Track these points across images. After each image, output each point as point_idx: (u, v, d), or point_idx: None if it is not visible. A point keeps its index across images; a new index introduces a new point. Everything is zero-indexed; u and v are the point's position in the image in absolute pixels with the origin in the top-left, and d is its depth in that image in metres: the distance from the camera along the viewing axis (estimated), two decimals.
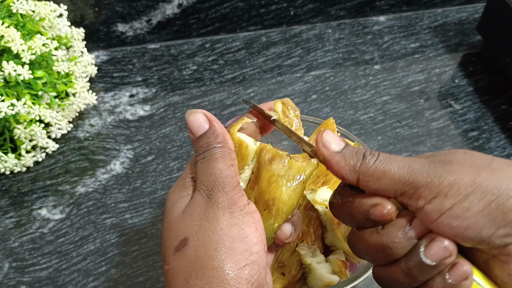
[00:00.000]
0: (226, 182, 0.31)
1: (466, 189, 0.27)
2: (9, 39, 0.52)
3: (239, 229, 0.29)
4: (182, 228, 0.30)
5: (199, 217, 0.30)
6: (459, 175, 0.27)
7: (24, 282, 0.49)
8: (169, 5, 0.70)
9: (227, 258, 0.28)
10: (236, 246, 0.28)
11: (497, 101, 0.68)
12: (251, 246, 0.29)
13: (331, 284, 0.41)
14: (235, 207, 0.30)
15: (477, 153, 0.29)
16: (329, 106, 0.66)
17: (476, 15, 0.80)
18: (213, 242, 0.28)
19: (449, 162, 0.28)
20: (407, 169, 0.29)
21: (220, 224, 0.29)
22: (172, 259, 0.29)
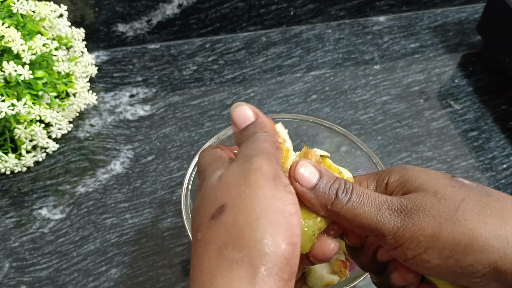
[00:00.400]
0: (271, 154, 0.29)
1: (426, 243, 0.28)
2: (9, 39, 0.52)
3: (283, 205, 0.26)
4: (218, 195, 0.27)
5: (238, 183, 0.27)
6: (421, 227, 0.28)
7: (24, 282, 0.49)
8: (169, 5, 0.70)
9: (270, 231, 0.25)
10: (281, 220, 0.26)
11: (497, 101, 0.68)
12: (293, 227, 0.26)
13: (331, 284, 0.41)
14: (279, 180, 0.27)
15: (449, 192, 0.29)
16: (329, 106, 0.66)
17: (476, 15, 0.80)
18: (256, 211, 0.25)
19: (416, 210, 0.28)
20: (376, 216, 0.29)
21: (264, 193, 0.26)
22: (206, 228, 0.26)
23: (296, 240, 0.26)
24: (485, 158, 0.61)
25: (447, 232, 0.27)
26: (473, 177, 0.59)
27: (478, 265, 0.27)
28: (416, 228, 0.28)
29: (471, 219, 0.27)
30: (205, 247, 0.26)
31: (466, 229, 0.27)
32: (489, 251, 0.26)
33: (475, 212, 0.28)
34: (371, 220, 0.29)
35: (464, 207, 0.28)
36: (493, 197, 0.28)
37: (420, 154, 0.61)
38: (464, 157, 0.61)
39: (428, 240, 0.28)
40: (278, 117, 0.50)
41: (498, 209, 0.28)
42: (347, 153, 0.49)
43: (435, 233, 0.27)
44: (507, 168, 0.60)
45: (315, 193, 0.30)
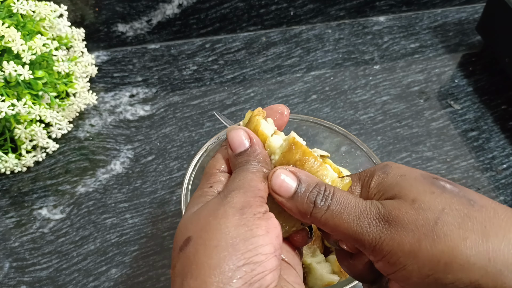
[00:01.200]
0: (251, 188, 0.29)
1: (405, 260, 0.27)
2: (9, 39, 0.52)
3: (247, 229, 0.27)
4: (188, 228, 0.28)
5: (207, 215, 0.28)
6: (400, 242, 0.27)
7: (24, 282, 0.49)
8: (169, 5, 0.70)
9: (226, 257, 0.26)
10: (239, 244, 0.26)
11: (497, 101, 0.68)
12: (256, 247, 0.26)
13: (331, 284, 0.41)
14: (249, 209, 0.28)
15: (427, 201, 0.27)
16: (329, 106, 0.66)
17: (476, 15, 0.80)
18: (215, 240, 0.26)
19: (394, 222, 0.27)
20: (355, 226, 0.28)
21: (227, 222, 0.27)
22: (176, 261, 0.28)
23: (261, 258, 0.26)
24: (485, 158, 0.61)
25: (426, 250, 0.26)
26: (473, 177, 0.59)
27: (459, 283, 0.26)
28: (394, 242, 0.27)
29: (451, 235, 0.26)
30: (174, 281, 0.27)
31: (445, 247, 0.26)
32: (470, 269, 0.25)
33: (455, 226, 0.26)
34: (350, 231, 0.28)
35: (444, 219, 0.26)
36: (475, 206, 0.27)
37: (420, 154, 0.61)
38: (464, 157, 0.61)
39: (407, 256, 0.27)
40: None
41: (480, 222, 0.26)
42: (347, 153, 0.49)
43: (414, 250, 0.26)
44: (507, 168, 0.60)
45: (294, 202, 0.29)
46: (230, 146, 0.32)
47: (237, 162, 0.31)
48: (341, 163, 0.50)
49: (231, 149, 0.31)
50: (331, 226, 0.29)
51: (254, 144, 0.31)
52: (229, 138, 0.32)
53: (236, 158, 0.31)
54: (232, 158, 0.31)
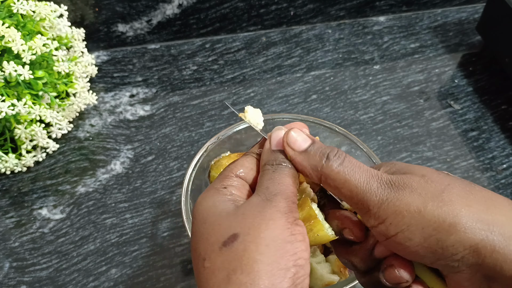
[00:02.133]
0: (290, 193, 0.30)
1: (410, 219, 0.28)
2: (9, 39, 0.52)
3: (291, 234, 0.28)
4: (232, 225, 0.29)
5: (253, 215, 0.29)
6: (406, 202, 0.28)
7: (24, 282, 0.49)
8: (169, 5, 0.70)
9: (279, 256, 0.27)
10: (287, 247, 0.28)
11: (497, 101, 0.68)
12: (300, 252, 0.28)
13: (331, 283, 0.41)
14: (290, 214, 0.29)
15: (435, 177, 0.29)
16: (329, 106, 0.66)
17: (476, 15, 0.80)
18: (266, 239, 0.27)
19: (403, 186, 0.29)
20: (364, 185, 0.30)
21: (275, 224, 0.28)
22: (216, 255, 0.28)
23: (303, 262, 0.28)
24: (485, 158, 0.61)
25: (432, 210, 0.28)
26: (473, 177, 0.59)
27: (459, 246, 0.27)
28: (401, 202, 0.28)
29: (456, 201, 0.28)
30: (214, 274, 0.27)
31: (451, 209, 0.27)
32: (472, 232, 0.27)
33: (460, 196, 0.28)
34: (359, 189, 0.29)
35: (450, 190, 0.28)
36: (477, 188, 0.29)
37: (420, 154, 0.61)
38: (464, 157, 0.61)
39: (412, 216, 0.28)
40: (278, 117, 0.50)
41: (482, 196, 0.28)
42: (347, 153, 0.49)
43: (420, 210, 0.28)
44: (507, 168, 0.60)
45: (307, 154, 0.31)
46: (271, 141, 0.33)
47: (273, 157, 0.32)
48: None
49: (270, 144, 0.33)
50: (340, 181, 0.30)
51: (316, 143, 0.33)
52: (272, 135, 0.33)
53: (273, 153, 0.33)
54: (268, 153, 0.33)
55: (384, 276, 0.31)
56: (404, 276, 0.31)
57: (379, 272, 0.32)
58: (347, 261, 0.34)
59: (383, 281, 0.31)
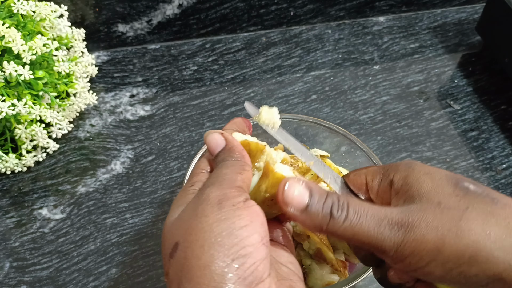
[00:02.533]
0: (225, 181, 0.29)
1: (428, 257, 0.27)
2: (10, 40, 0.52)
3: (229, 223, 0.26)
4: (174, 233, 0.28)
5: (188, 217, 0.28)
6: (423, 241, 0.27)
7: (24, 282, 0.49)
8: (169, 6, 0.70)
9: (213, 255, 0.25)
10: (224, 241, 0.26)
11: (497, 101, 0.68)
12: (242, 240, 0.26)
13: (331, 283, 0.41)
14: (226, 202, 0.27)
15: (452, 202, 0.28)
16: (328, 106, 0.66)
17: (476, 15, 0.80)
18: (200, 240, 0.26)
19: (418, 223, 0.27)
20: (376, 234, 0.28)
21: (207, 220, 0.27)
22: (168, 267, 0.28)
23: (249, 250, 0.26)
24: (485, 158, 0.61)
25: (450, 245, 0.26)
26: (472, 177, 0.59)
27: (482, 275, 0.26)
28: (417, 242, 0.27)
29: (475, 229, 0.26)
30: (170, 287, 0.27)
31: (470, 240, 0.26)
32: (494, 262, 0.26)
33: (479, 222, 0.27)
34: (371, 238, 0.28)
35: (468, 216, 0.27)
36: (499, 204, 0.27)
37: (420, 154, 0.61)
38: (463, 157, 0.61)
39: (431, 253, 0.27)
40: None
41: (503, 218, 0.27)
42: (347, 153, 0.49)
43: (438, 246, 0.27)
44: (507, 168, 0.60)
45: (308, 215, 0.28)
46: (209, 150, 0.32)
47: (216, 162, 0.31)
48: (341, 163, 0.50)
49: (211, 153, 0.32)
50: (349, 236, 0.28)
51: (229, 142, 0.32)
52: (207, 143, 0.32)
53: (214, 160, 0.32)
54: (213, 162, 0.32)
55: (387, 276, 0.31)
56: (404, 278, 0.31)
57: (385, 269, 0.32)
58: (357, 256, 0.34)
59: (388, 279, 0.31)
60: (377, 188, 0.32)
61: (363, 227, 0.28)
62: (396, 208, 0.29)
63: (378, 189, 0.32)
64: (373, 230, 0.28)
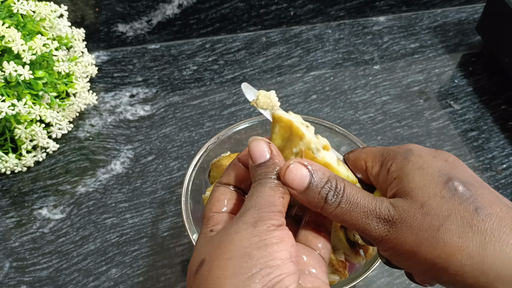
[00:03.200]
0: (266, 204, 0.29)
1: (406, 257, 0.29)
2: (9, 39, 0.52)
3: (260, 239, 0.27)
4: (202, 252, 0.28)
5: (220, 235, 0.28)
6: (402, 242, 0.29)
7: (24, 282, 0.49)
8: (169, 6, 0.70)
9: (241, 265, 0.26)
10: (253, 252, 0.26)
11: (497, 101, 0.68)
12: (272, 253, 0.26)
13: (332, 283, 0.41)
14: (261, 222, 0.28)
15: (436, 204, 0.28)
16: (329, 106, 0.66)
17: (476, 15, 0.80)
18: (228, 253, 0.26)
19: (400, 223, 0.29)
20: (363, 224, 0.30)
21: (239, 236, 0.27)
22: (191, 285, 0.28)
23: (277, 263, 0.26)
24: (485, 158, 0.61)
25: (425, 253, 0.28)
26: None
27: (454, 283, 0.28)
28: (398, 241, 0.29)
29: (450, 243, 0.27)
30: None
31: (443, 253, 0.27)
32: (464, 276, 0.27)
33: (455, 235, 0.27)
34: (359, 226, 0.30)
35: (447, 226, 0.28)
36: (481, 216, 0.28)
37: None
38: (464, 157, 0.61)
39: (408, 254, 0.29)
40: None
41: (481, 232, 0.27)
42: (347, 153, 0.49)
43: (414, 251, 0.28)
44: (507, 168, 0.60)
45: (306, 196, 0.30)
46: (251, 157, 0.31)
47: (257, 173, 0.31)
48: None
49: (252, 161, 0.31)
50: (340, 220, 0.30)
51: (275, 156, 0.31)
52: (250, 149, 0.32)
53: (256, 169, 0.31)
54: (252, 170, 0.32)
55: None
56: None
57: None
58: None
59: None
60: (376, 175, 0.33)
61: (352, 216, 0.30)
62: (385, 202, 0.30)
63: (377, 176, 0.33)
64: (361, 220, 0.30)
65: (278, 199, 0.30)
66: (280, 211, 0.29)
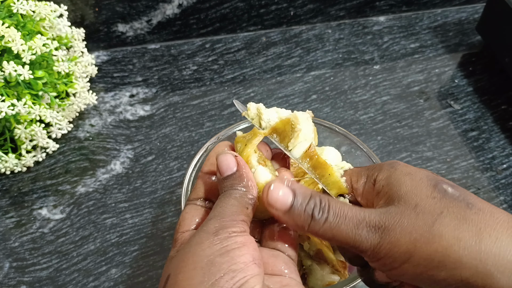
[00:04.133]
0: (229, 213, 0.29)
1: (401, 259, 0.28)
2: (9, 39, 0.52)
3: (222, 246, 0.27)
4: (168, 267, 0.28)
5: (183, 250, 0.28)
6: (397, 244, 0.28)
7: (24, 282, 0.49)
8: (169, 5, 0.70)
9: (205, 273, 0.26)
10: (216, 259, 0.27)
11: (497, 101, 0.68)
12: (234, 257, 0.27)
13: (332, 284, 0.41)
14: (223, 230, 0.28)
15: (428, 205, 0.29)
16: (329, 106, 0.66)
17: (476, 15, 0.80)
18: (192, 264, 0.27)
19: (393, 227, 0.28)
20: (354, 236, 0.29)
21: (202, 246, 0.27)
22: None
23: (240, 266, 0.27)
24: (485, 158, 0.61)
25: (421, 250, 0.27)
26: (473, 177, 0.59)
27: (451, 280, 0.27)
28: (392, 245, 0.28)
29: (446, 235, 0.27)
30: None
31: (440, 246, 0.27)
32: (462, 268, 0.27)
33: (450, 227, 0.27)
34: (349, 240, 0.29)
35: (441, 221, 0.28)
36: (473, 209, 0.28)
37: (420, 154, 0.61)
38: (464, 157, 0.61)
39: (403, 256, 0.28)
40: None
41: (475, 224, 0.27)
42: (347, 153, 0.49)
43: (410, 250, 0.28)
44: (507, 168, 0.60)
45: (290, 216, 0.29)
46: (218, 170, 0.32)
47: (223, 185, 0.31)
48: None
49: (220, 173, 0.32)
50: (329, 237, 0.29)
51: (241, 168, 0.32)
52: (217, 162, 0.32)
53: (223, 182, 0.32)
54: (220, 182, 0.32)
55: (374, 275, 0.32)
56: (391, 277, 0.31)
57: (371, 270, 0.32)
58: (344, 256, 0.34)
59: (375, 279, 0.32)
60: (362, 189, 0.33)
61: (342, 229, 0.29)
62: (375, 210, 0.30)
63: (363, 190, 0.33)
64: (351, 232, 0.29)
65: (241, 208, 0.30)
66: (243, 220, 0.30)
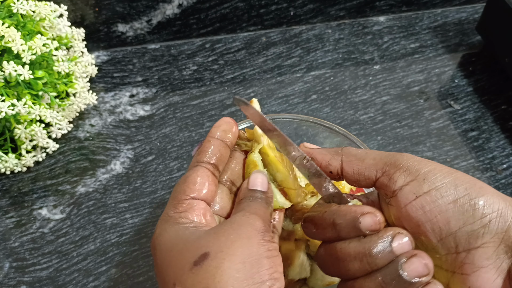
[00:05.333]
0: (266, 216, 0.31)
1: (444, 178, 0.29)
2: (9, 39, 0.52)
3: (266, 250, 0.28)
4: (203, 244, 0.28)
5: (228, 233, 0.29)
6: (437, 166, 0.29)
7: (24, 282, 0.49)
8: (169, 5, 0.70)
9: (255, 271, 0.27)
10: (263, 261, 0.28)
11: (497, 101, 0.68)
12: (275, 265, 0.28)
13: (332, 284, 0.41)
14: (267, 234, 0.30)
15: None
16: (329, 106, 0.66)
17: (476, 15, 0.80)
18: (241, 256, 0.27)
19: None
20: (387, 153, 0.31)
21: (251, 242, 0.28)
22: (187, 277, 0.27)
23: (277, 276, 0.28)
24: (485, 158, 0.61)
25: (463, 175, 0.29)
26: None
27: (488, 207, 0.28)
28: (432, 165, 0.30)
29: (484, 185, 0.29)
30: None
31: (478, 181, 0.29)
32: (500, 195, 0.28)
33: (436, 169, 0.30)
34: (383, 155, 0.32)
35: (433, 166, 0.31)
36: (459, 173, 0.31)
37: (420, 154, 0.61)
38: (464, 157, 0.61)
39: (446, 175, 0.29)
40: (278, 117, 0.50)
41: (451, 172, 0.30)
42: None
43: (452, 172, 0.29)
44: (507, 168, 0.60)
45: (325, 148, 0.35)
46: (250, 181, 0.34)
47: (250, 194, 0.33)
48: None
49: (249, 184, 0.34)
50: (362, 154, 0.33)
51: (270, 191, 0.34)
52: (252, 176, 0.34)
53: (250, 191, 0.33)
54: (245, 190, 0.34)
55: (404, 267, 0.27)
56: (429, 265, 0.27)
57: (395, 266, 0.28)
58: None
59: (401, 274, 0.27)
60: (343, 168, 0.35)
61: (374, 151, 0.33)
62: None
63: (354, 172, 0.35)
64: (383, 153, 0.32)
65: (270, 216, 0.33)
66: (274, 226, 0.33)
